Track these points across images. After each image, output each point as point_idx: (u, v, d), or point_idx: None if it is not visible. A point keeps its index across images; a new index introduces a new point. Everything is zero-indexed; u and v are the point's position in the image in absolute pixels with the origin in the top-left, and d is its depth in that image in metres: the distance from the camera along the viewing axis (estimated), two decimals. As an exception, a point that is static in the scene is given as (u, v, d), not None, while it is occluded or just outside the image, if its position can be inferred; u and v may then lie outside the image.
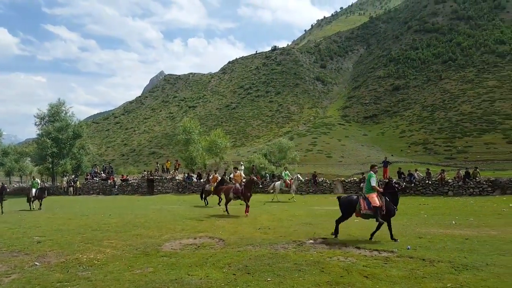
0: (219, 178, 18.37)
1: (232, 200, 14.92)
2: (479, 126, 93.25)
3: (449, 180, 23.69)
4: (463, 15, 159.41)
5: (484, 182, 22.44)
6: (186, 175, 33.03)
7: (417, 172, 25.88)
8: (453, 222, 11.72)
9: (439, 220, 12.34)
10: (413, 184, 24.14)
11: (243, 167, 36.24)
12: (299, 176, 23.13)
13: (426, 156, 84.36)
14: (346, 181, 27.33)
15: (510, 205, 16.22)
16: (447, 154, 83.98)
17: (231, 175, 15.32)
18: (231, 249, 7.82)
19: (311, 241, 8.62)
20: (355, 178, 28.66)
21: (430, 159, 79.00)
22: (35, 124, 42.26)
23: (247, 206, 13.82)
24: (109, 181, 34.53)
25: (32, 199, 19.94)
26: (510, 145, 79.85)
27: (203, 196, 19.51)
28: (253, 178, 14.28)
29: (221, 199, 16.49)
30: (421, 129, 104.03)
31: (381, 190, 8.88)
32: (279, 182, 22.74)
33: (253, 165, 37.91)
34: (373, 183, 8.82)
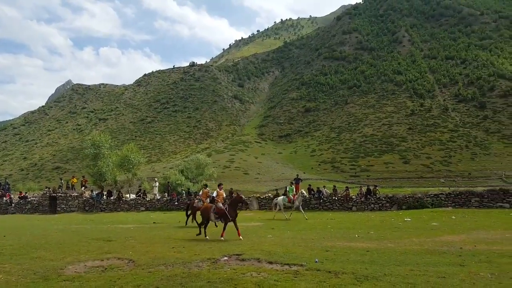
0: (210, 193, 16.11)
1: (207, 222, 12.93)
2: (379, 147, 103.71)
3: (353, 197, 25.59)
4: (367, 46, 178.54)
5: (383, 198, 24.42)
6: (95, 193, 30.79)
7: (325, 188, 27.71)
8: (356, 236, 12.58)
9: (344, 234, 13.19)
10: (321, 200, 25.85)
11: (157, 184, 35.15)
12: (304, 192, 21.78)
13: (334, 174, 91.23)
14: (261, 197, 28.11)
15: (405, 219, 17.72)
16: (352, 172, 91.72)
17: (214, 194, 13.23)
18: (141, 270, 7.45)
19: (225, 258, 8.61)
20: (269, 195, 29.62)
21: (337, 177, 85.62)
22: None
23: (224, 228, 12.06)
24: (4, 198, 30.66)
25: None
26: (406, 165, 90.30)
27: (189, 214, 17.11)
28: (241, 196, 12.84)
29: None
30: (329, 148, 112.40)
31: None
32: (282, 197, 21.50)
33: (168, 182, 36.87)
34: None
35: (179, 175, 42.67)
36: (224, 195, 13.65)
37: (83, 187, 31.47)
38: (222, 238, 11.81)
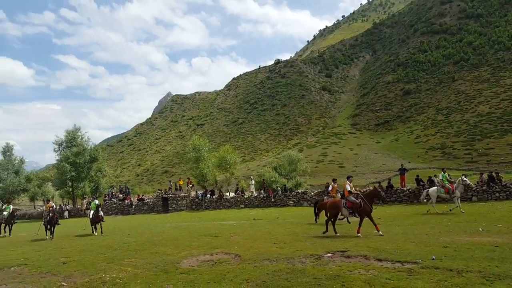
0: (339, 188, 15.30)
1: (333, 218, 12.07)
2: (500, 127, 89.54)
3: (472, 185, 22.25)
4: (472, 14, 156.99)
5: (511, 185, 21.05)
6: (200, 192, 33.41)
7: (437, 178, 24.89)
8: (480, 229, 11.21)
9: (464, 228, 11.87)
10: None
11: (253, 181, 36.36)
12: (465, 179, 18.62)
13: (445, 161, 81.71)
14: (362, 190, 26.81)
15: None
16: (467, 157, 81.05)
17: (347, 187, 11.94)
18: (247, 265, 7.71)
19: (329, 254, 8.40)
20: (370, 188, 28.10)
21: (449, 164, 76.60)
22: (54, 150, 44.59)
23: (360, 224, 11.25)
24: (126, 201, 35.44)
25: (91, 222, 17.27)
26: (537, 145, 76.35)
27: (317, 211, 16.62)
28: (378, 189, 11.78)
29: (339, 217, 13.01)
30: (437, 133, 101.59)
31: None
32: (435, 188, 18.43)
33: (263, 179, 37.80)
34: None
35: (273, 172, 43.43)
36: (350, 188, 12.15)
37: (192, 187, 34.42)
38: (359, 234, 11.00)
